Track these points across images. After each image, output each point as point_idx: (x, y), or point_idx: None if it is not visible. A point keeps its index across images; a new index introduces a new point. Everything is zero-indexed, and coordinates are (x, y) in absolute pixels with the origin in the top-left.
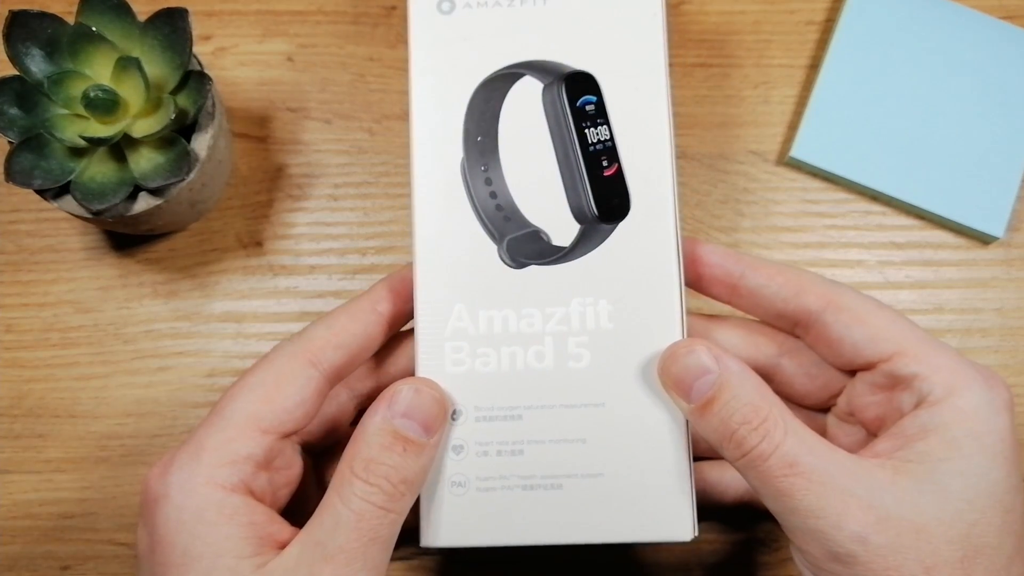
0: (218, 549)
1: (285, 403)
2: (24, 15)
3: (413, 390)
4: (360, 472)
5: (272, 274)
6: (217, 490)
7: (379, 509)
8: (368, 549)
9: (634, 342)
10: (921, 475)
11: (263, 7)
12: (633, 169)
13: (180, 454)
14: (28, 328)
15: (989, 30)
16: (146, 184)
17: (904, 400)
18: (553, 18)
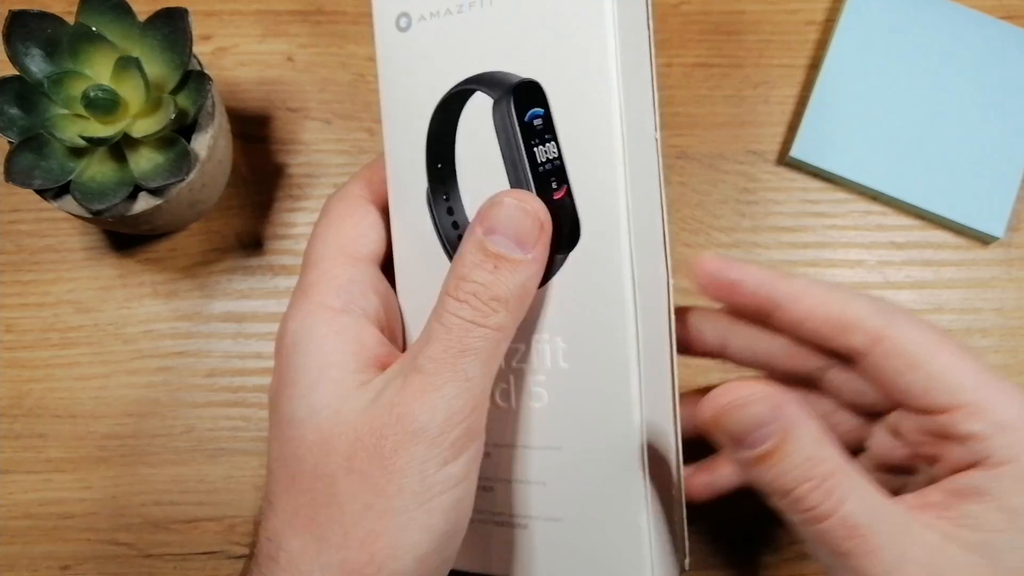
0: (324, 362)
1: (360, 229)
2: (24, 15)
3: (498, 204)
4: (452, 291)
5: (272, 274)
6: (326, 311)
7: (467, 323)
8: (457, 360)
9: (588, 384)
10: (975, 545)
11: (263, 7)
12: (583, 190)
13: (292, 301)
14: (28, 328)
15: (989, 30)
16: (146, 184)
17: (958, 453)
18: (501, 21)
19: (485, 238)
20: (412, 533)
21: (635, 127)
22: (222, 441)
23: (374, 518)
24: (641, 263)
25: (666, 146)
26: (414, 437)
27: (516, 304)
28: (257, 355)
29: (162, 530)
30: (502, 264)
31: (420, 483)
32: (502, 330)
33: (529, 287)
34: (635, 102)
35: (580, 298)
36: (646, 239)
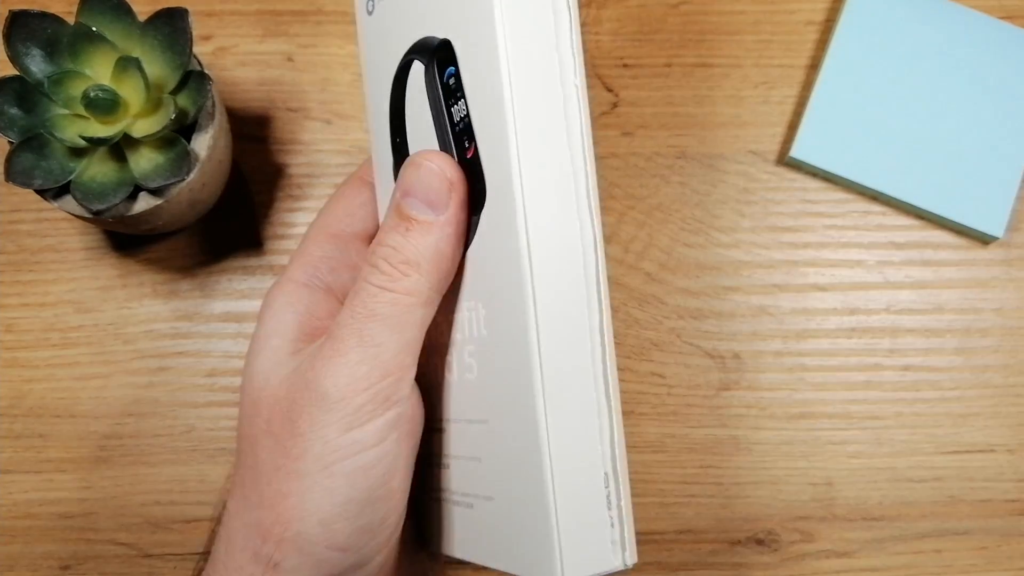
0: (270, 331)
1: (346, 206)
2: (24, 15)
3: (413, 165)
4: (368, 255)
5: (272, 274)
6: (289, 284)
7: (375, 287)
8: (364, 326)
9: (501, 352)
10: None
11: (263, 7)
12: (485, 147)
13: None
14: (28, 328)
15: (989, 30)
16: (146, 184)
17: None
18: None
19: (401, 200)
20: (315, 495)
21: (541, 75)
22: (222, 441)
23: (282, 479)
24: (547, 223)
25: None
26: (318, 401)
27: (429, 267)
28: None
29: (162, 530)
30: (413, 226)
31: (322, 447)
32: (413, 294)
33: (443, 249)
34: (539, 49)
35: (491, 261)
36: (557, 196)
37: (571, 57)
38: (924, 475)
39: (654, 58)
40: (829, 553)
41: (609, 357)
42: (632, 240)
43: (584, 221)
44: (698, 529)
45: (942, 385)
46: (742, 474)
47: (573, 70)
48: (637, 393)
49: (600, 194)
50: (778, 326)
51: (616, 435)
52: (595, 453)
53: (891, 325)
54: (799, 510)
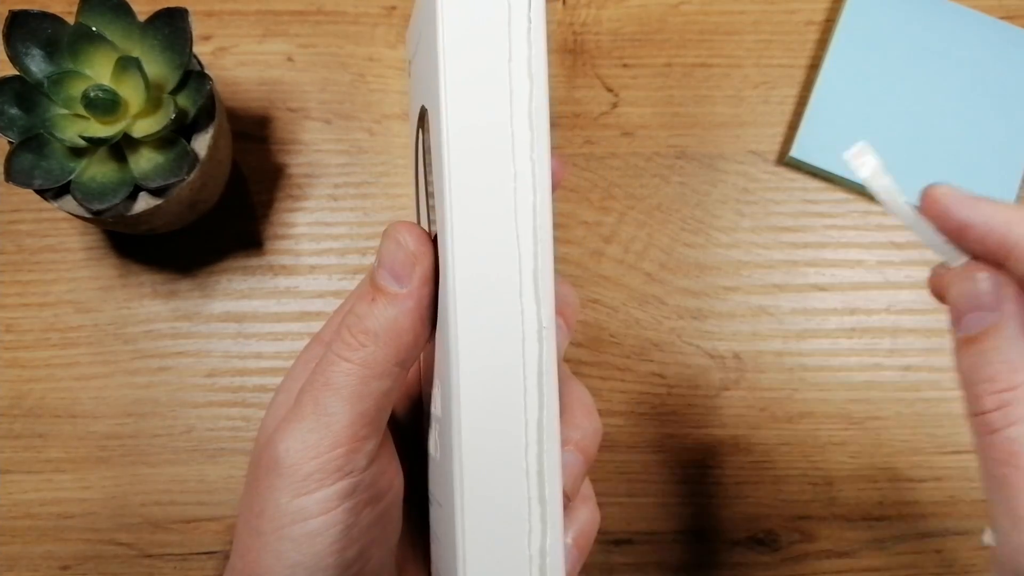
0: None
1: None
2: (24, 15)
3: (385, 234)
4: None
5: (272, 274)
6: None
7: (334, 355)
8: (319, 394)
9: (447, 438)
10: None
11: (263, 7)
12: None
13: None
14: (28, 328)
15: (989, 30)
16: (146, 184)
17: None
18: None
19: (375, 269)
20: (267, 555)
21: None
22: (222, 441)
23: (248, 534)
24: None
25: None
26: (273, 465)
27: (387, 339)
28: (257, 355)
29: (162, 530)
30: (379, 296)
31: (275, 510)
32: (368, 366)
33: (402, 323)
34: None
35: (442, 342)
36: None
37: (527, 131)
38: (924, 475)
39: (654, 58)
40: (829, 553)
41: (551, 453)
42: (632, 240)
43: (527, 308)
44: (698, 529)
45: (942, 385)
46: (742, 474)
47: (530, 144)
48: (637, 393)
49: (600, 194)
50: (778, 326)
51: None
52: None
53: (891, 325)
54: (799, 510)
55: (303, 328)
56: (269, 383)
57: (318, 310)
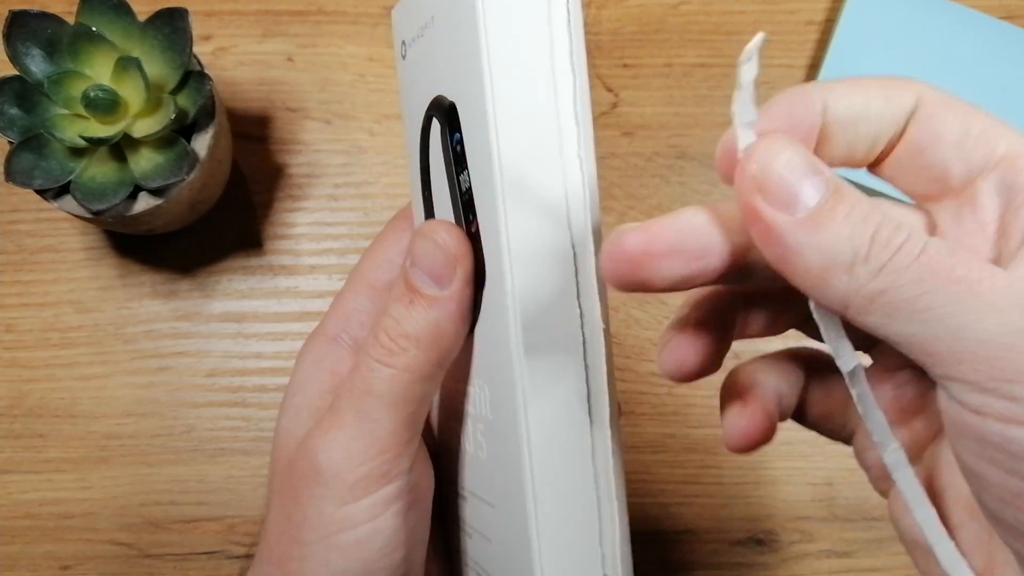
0: (295, 388)
1: (385, 254)
2: (24, 15)
3: (420, 235)
4: (374, 324)
5: (272, 274)
6: (319, 339)
7: (373, 361)
8: (361, 401)
9: (501, 440)
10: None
11: (263, 7)
12: (483, 223)
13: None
14: (28, 328)
15: (989, 30)
16: (146, 184)
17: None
18: (440, 42)
19: (409, 270)
20: (313, 564)
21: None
22: (222, 441)
23: (287, 543)
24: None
25: (666, 149)
26: (314, 475)
27: (429, 343)
28: (257, 355)
29: (162, 530)
30: (417, 299)
31: (319, 519)
32: (411, 370)
33: (444, 327)
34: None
35: (491, 342)
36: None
37: (574, 126)
38: None
39: (654, 58)
40: (829, 553)
41: (615, 454)
42: None
43: (587, 310)
44: (698, 529)
45: None
46: (742, 474)
47: (576, 140)
48: (637, 393)
49: (600, 194)
50: None
51: (618, 537)
52: (593, 558)
53: None
54: (799, 510)
55: (303, 328)
56: (269, 383)
57: (318, 310)
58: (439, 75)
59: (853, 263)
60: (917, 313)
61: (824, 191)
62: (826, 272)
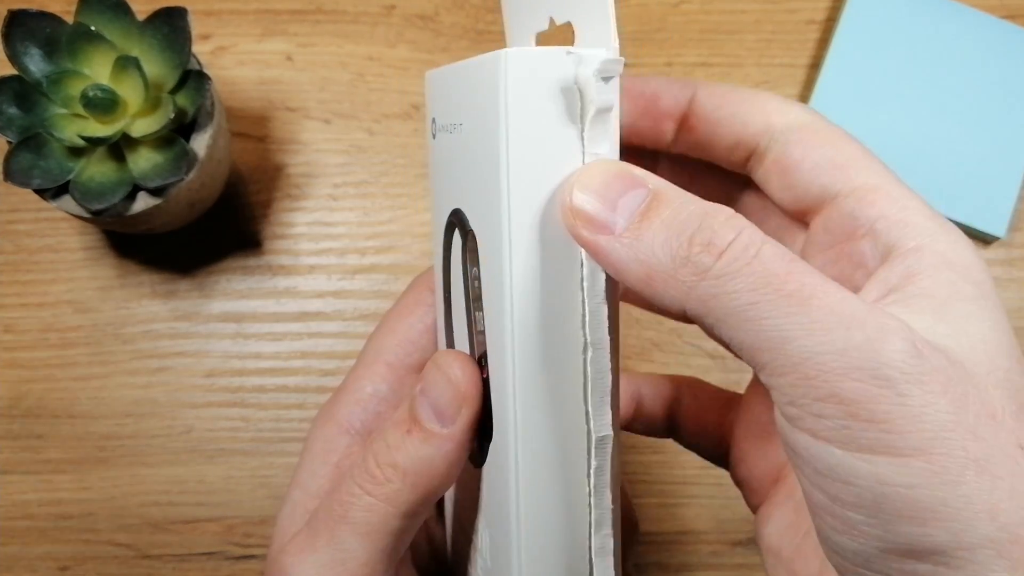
0: (299, 479)
1: (408, 333)
2: (23, 14)
3: (434, 364)
4: (367, 443)
5: (271, 274)
6: (331, 426)
7: (355, 486)
8: (336, 527)
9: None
10: (938, 311)
11: (262, 6)
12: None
13: (329, 399)
14: (27, 328)
15: (990, 29)
16: (145, 184)
17: (866, 249)
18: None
19: (417, 396)
20: None
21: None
22: (221, 442)
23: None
24: (542, 489)
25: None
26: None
27: (416, 479)
28: (256, 355)
29: (161, 531)
30: (415, 430)
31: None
32: (392, 503)
33: (436, 465)
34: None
35: (494, 492)
36: (560, 462)
37: (601, 304)
38: None
39: (654, 58)
40: None
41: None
42: None
43: (601, 494)
44: (698, 530)
45: None
46: None
47: (600, 319)
48: None
49: None
50: None
51: None
52: None
53: None
54: None
55: (302, 328)
56: (268, 383)
57: (317, 310)
58: (463, 188)
59: (674, 268)
60: (747, 322)
61: (642, 201)
62: (650, 280)
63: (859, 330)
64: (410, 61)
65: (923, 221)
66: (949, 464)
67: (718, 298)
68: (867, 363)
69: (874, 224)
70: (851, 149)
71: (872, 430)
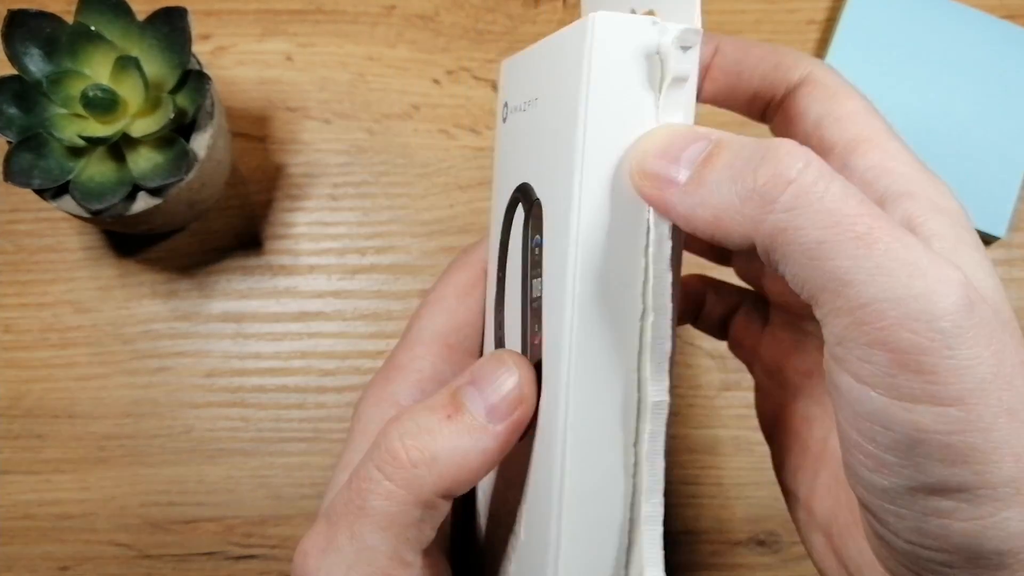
0: (347, 462)
1: (467, 315)
2: (23, 14)
3: (496, 358)
4: (388, 421)
5: (271, 274)
6: (389, 407)
7: (374, 468)
8: (355, 521)
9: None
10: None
11: (262, 6)
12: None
13: (377, 376)
14: (27, 328)
15: (990, 30)
16: (145, 184)
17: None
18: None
19: (463, 385)
20: None
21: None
22: (221, 441)
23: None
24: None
25: None
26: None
27: (444, 468)
28: (256, 355)
29: (161, 531)
30: (457, 417)
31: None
32: (412, 490)
33: (471, 459)
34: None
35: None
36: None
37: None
38: None
39: None
40: None
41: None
42: None
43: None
44: (699, 530)
45: None
46: (743, 475)
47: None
48: None
49: None
50: None
51: None
52: None
53: None
54: None
55: (302, 328)
56: (268, 383)
57: (317, 310)
58: (533, 161)
59: (741, 204)
60: (813, 260)
61: (703, 151)
62: (719, 221)
63: (920, 279)
64: (410, 61)
65: (910, 171)
66: (984, 412)
67: (786, 232)
68: (923, 314)
69: (864, 174)
70: (852, 104)
71: (917, 380)
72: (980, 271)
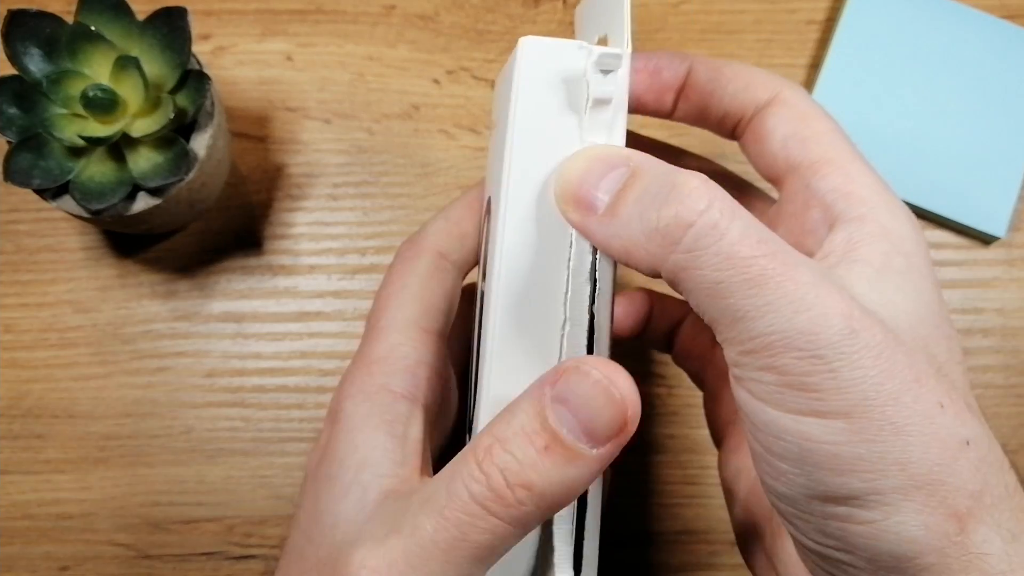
0: (364, 460)
1: (432, 298)
2: (23, 14)
3: (580, 373)
4: (480, 452)
5: (271, 274)
6: (386, 394)
7: (477, 506)
8: (450, 551)
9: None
10: (872, 280)
11: (262, 6)
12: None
13: (353, 371)
14: (27, 328)
15: (990, 29)
16: (145, 184)
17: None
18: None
19: (551, 406)
20: None
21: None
22: (221, 442)
23: None
24: None
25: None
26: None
27: (552, 501)
28: (256, 355)
29: (161, 531)
30: (555, 448)
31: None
32: (520, 525)
33: (578, 488)
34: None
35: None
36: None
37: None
38: None
39: None
40: None
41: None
42: None
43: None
44: (699, 530)
45: None
46: None
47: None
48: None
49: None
50: None
51: None
52: None
53: None
54: None
55: (302, 328)
56: (268, 383)
57: (317, 310)
58: (491, 175)
59: (647, 240)
60: (710, 297)
61: (622, 178)
62: (629, 254)
63: (805, 313)
64: (410, 61)
65: (869, 194)
66: (868, 425)
67: (687, 271)
68: (808, 344)
69: (824, 196)
70: (818, 125)
71: (804, 397)
72: (899, 295)
